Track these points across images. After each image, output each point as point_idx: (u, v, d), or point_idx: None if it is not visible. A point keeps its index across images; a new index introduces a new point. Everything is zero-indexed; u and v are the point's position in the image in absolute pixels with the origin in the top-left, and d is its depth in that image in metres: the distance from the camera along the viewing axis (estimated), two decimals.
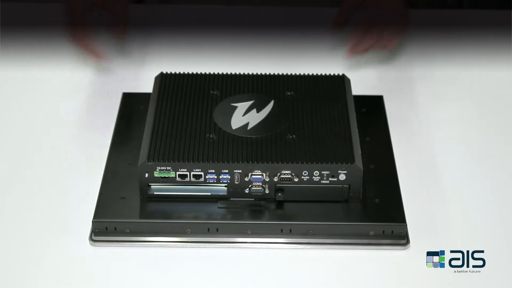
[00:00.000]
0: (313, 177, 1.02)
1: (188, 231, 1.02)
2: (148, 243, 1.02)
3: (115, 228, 1.02)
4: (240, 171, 1.02)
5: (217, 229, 1.02)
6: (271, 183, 1.03)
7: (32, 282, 0.99)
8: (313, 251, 1.02)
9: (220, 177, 1.02)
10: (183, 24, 1.40)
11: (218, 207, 1.04)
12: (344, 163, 1.02)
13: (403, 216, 1.03)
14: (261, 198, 1.04)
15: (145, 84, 1.20)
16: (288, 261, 1.01)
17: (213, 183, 1.03)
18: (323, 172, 1.02)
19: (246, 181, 1.03)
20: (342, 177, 1.02)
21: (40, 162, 1.13)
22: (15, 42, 1.34)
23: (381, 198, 1.05)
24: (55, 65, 1.30)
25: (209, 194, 1.04)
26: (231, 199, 1.04)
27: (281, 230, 1.02)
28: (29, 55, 1.32)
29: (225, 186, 1.03)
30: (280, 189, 1.03)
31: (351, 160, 1.02)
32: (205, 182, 1.03)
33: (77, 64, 1.26)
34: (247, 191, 1.03)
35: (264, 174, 1.02)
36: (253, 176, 1.02)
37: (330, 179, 1.02)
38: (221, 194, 1.04)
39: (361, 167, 1.02)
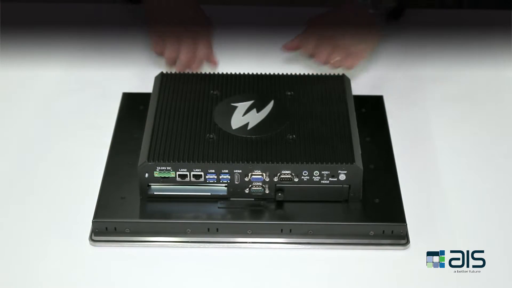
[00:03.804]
0: (313, 177, 1.02)
1: (188, 231, 1.02)
2: (148, 243, 1.02)
3: (115, 228, 1.02)
4: (240, 171, 1.02)
5: (217, 229, 1.02)
6: (271, 183, 1.03)
7: (32, 282, 0.99)
8: (313, 251, 1.02)
9: (220, 177, 1.02)
10: None
11: (218, 207, 1.04)
12: (344, 163, 1.02)
13: (403, 216, 1.03)
14: (261, 198, 1.04)
15: (145, 84, 1.20)
16: (288, 261, 1.01)
17: (213, 183, 1.03)
18: (323, 172, 1.02)
19: (246, 181, 1.03)
20: (342, 177, 1.02)
21: (40, 162, 1.13)
22: (15, 42, 1.34)
23: (381, 198, 1.05)
24: (54, 65, 1.30)
25: (209, 194, 1.04)
26: (231, 199, 1.04)
27: (281, 230, 1.02)
28: (29, 55, 1.32)
29: (225, 186, 1.03)
30: (280, 189, 1.03)
31: (351, 160, 1.02)
32: (205, 182, 1.03)
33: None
34: (247, 191, 1.03)
35: (264, 174, 1.02)
36: (253, 176, 1.02)
37: (330, 179, 1.02)
38: (221, 194, 1.04)
39: (361, 167, 1.02)
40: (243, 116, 1.08)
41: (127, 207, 1.04)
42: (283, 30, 1.37)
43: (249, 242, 1.03)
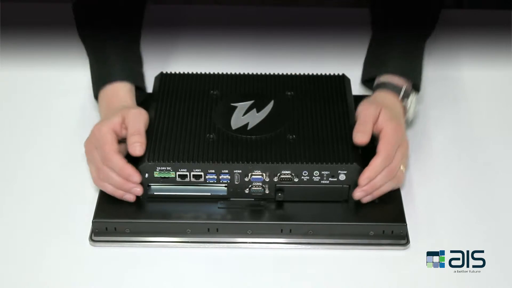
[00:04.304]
0: (313, 177, 1.02)
1: (188, 231, 1.02)
2: (148, 243, 1.02)
3: (115, 228, 1.02)
4: (240, 171, 1.02)
5: (217, 229, 1.02)
6: (271, 183, 1.03)
7: (32, 282, 0.99)
8: (313, 251, 1.02)
9: (220, 177, 1.02)
10: (183, 24, 1.40)
11: (218, 207, 1.04)
12: (344, 163, 1.02)
13: (403, 216, 1.03)
14: (261, 198, 1.04)
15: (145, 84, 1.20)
16: (288, 261, 1.01)
17: (213, 183, 1.03)
18: (323, 172, 1.02)
19: (246, 181, 1.03)
20: (342, 177, 1.02)
21: (40, 162, 1.13)
22: (15, 42, 1.34)
23: (381, 198, 1.05)
24: (55, 65, 1.30)
25: (209, 194, 1.04)
26: (231, 199, 1.04)
27: (281, 230, 1.02)
28: (29, 55, 1.32)
29: (225, 186, 1.03)
30: (280, 189, 1.03)
31: (351, 160, 1.02)
32: (205, 182, 1.03)
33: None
34: (247, 191, 1.03)
35: (264, 174, 1.02)
36: (253, 176, 1.02)
37: (330, 179, 1.02)
38: (221, 194, 1.04)
39: (361, 167, 1.02)
40: (243, 116, 1.08)
41: (127, 207, 1.04)
42: (283, 30, 1.37)
43: (249, 242, 1.03)
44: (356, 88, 1.18)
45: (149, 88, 1.16)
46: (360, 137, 1.03)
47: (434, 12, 1.19)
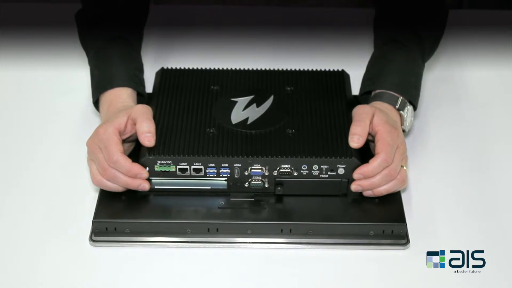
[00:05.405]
0: (312, 171, 1.02)
1: (188, 231, 1.02)
2: (148, 243, 1.02)
3: (115, 228, 1.02)
4: (240, 165, 1.02)
5: (217, 229, 1.02)
6: (270, 177, 1.03)
7: (32, 282, 0.98)
8: (313, 251, 1.02)
9: (220, 171, 1.02)
10: (184, 21, 1.40)
11: (218, 207, 1.04)
12: (342, 157, 1.02)
13: (403, 216, 1.03)
14: (260, 192, 1.04)
15: (145, 82, 1.20)
16: (288, 261, 1.01)
17: (213, 177, 1.03)
18: (322, 166, 1.02)
19: (246, 175, 1.03)
20: (340, 171, 1.02)
21: (40, 162, 1.13)
22: (15, 42, 1.34)
23: (381, 198, 1.05)
24: (55, 65, 1.31)
25: (209, 188, 1.04)
26: (231, 199, 1.04)
27: (281, 230, 1.02)
28: (29, 55, 1.32)
29: (225, 180, 1.03)
30: (280, 183, 1.03)
31: (350, 154, 1.02)
32: (205, 176, 1.03)
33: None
34: (246, 185, 1.03)
35: (263, 168, 1.02)
36: (252, 170, 1.02)
37: (329, 173, 1.02)
38: (221, 188, 1.04)
39: (359, 161, 1.02)
40: (243, 111, 1.09)
41: (127, 207, 1.04)
42: (284, 27, 1.37)
43: (249, 242, 1.02)
44: (356, 87, 1.18)
45: (150, 83, 1.15)
46: (356, 141, 1.03)
47: (437, 35, 1.19)
